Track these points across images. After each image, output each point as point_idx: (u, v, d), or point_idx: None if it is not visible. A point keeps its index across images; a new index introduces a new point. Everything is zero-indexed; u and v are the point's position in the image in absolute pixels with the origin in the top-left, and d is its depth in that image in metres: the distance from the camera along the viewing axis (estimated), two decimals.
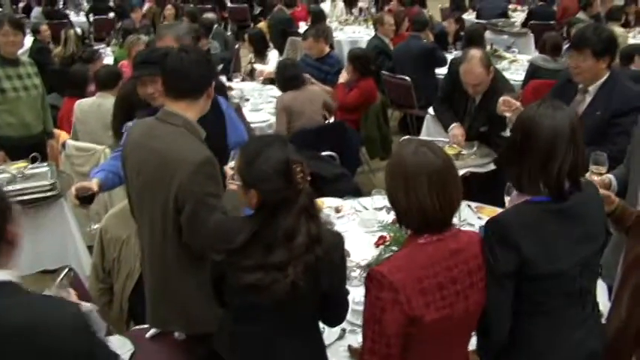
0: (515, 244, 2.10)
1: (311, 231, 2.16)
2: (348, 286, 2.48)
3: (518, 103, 3.81)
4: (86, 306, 3.10)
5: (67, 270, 2.58)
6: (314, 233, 2.17)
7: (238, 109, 5.22)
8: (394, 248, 3.14)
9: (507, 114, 3.82)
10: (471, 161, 4.28)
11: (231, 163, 2.87)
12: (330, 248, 2.22)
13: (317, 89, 6.03)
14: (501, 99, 3.87)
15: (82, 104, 5.42)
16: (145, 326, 3.20)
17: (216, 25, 9.19)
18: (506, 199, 2.80)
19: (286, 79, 5.68)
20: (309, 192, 2.22)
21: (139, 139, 2.77)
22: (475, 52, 4.33)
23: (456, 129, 4.30)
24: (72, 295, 2.32)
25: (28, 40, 10.09)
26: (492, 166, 4.26)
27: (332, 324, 2.47)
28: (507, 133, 4.31)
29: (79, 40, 9.36)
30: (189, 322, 2.87)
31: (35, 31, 9.31)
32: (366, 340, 2.06)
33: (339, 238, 2.29)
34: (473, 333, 2.27)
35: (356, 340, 2.68)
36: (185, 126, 2.67)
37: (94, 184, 3.28)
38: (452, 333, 2.13)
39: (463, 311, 2.08)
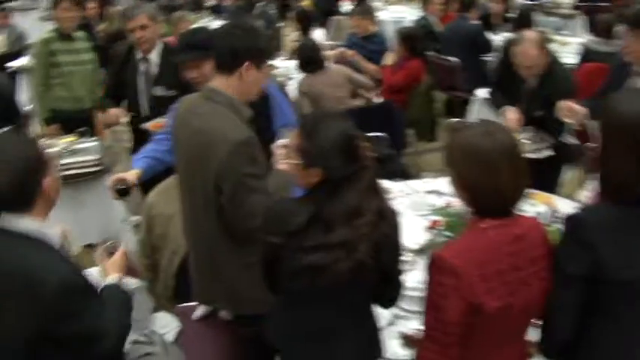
0: (591, 244, 1.97)
1: (377, 207, 2.09)
2: None
3: (582, 110, 3.68)
4: (133, 282, 3.12)
5: (111, 242, 2.60)
6: (380, 209, 2.10)
7: (282, 88, 5.17)
8: (448, 233, 3.07)
9: (569, 120, 3.70)
10: (527, 147, 4.15)
11: (280, 142, 2.82)
12: (393, 224, 2.16)
13: (340, 70, 5.85)
14: (562, 104, 3.75)
15: None
16: (191, 304, 3.18)
17: (260, 4, 9.12)
18: (585, 193, 2.68)
19: (302, 61, 5.60)
20: (374, 167, 2.15)
21: (183, 116, 2.73)
22: (530, 34, 4.20)
23: (512, 112, 4.17)
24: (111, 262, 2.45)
25: None
26: (547, 153, 4.12)
27: (386, 305, 2.40)
28: (567, 139, 4.20)
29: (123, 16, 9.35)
30: (234, 302, 2.83)
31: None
32: (427, 327, 2.00)
33: (396, 214, 2.23)
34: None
35: (407, 326, 2.61)
36: (227, 104, 2.60)
37: (132, 175, 3.26)
38: (512, 322, 2.05)
39: (524, 300, 2.00)
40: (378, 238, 2.09)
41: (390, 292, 2.33)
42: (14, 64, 7.68)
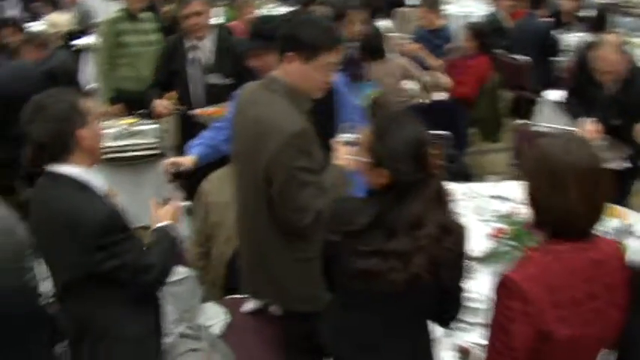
0: None
1: (441, 220, 1.98)
2: None
3: None
4: (183, 271, 3.08)
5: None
6: (444, 223, 1.98)
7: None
8: (512, 243, 2.93)
9: None
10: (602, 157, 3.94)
11: (341, 137, 2.72)
12: (457, 240, 2.04)
13: (399, 61, 5.69)
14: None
15: None
16: (241, 296, 3.12)
17: None
18: None
19: (364, 49, 5.44)
20: (441, 177, 2.03)
21: (242, 104, 2.68)
22: (610, 37, 4.02)
23: (591, 124, 3.95)
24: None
25: None
26: (623, 164, 3.91)
27: (443, 322, 2.28)
28: None
29: None
30: (283, 298, 2.78)
31: None
32: (491, 350, 1.88)
33: (464, 230, 2.09)
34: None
35: (464, 339, 2.50)
36: (287, 95, 2.52)
37: (188, 160, 3.22)
38: (582, 352, 1.90)
39: (598, 330, 1.86)
40: (439, 253, 1.98)
41: (447, 311, 2.22)
42: (80, 42, 7.75)
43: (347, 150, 2.64)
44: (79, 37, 7.88)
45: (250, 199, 2.64)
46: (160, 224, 2.55)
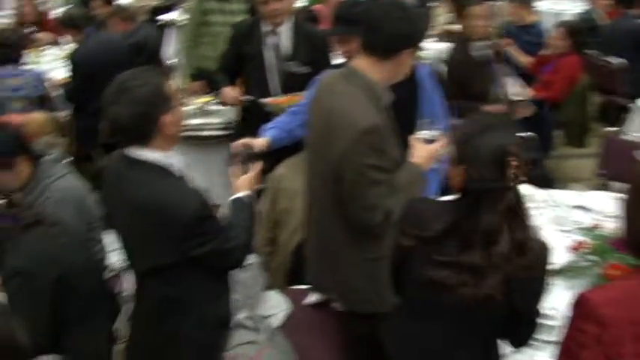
0: None
1: (516, 237, 1.86)
2: None
3: None
4: (249, 256, 3.04)
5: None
6: (519, 240, 1.86)
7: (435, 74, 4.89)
8: (593, 258, 2.76)
9: None
10: None
11: (420, 134, 2.61)
12: (535, 261, 1.90)
13: None
14: None
15: None
16: (304, 287, 3.06)
17: None
18: None
19: None
20: (518, 192, 1.91)
21: (320, 92, 2.59)
22: None
23: None
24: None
25: None
26: None
27: (515, 343, 2.16)
28: None
29: None
30: (348, 297, 2.69)
31: None
32: None
33: (545, 250, 1.95)
34: None
35: (534, 357, 2.35)
36: (365, 88, 2.41)
37: (260, 142, 3.15)
38: None
39: None
40: (514, 272, 1.86)
41: (519, 332, 2.10)
42: (165, 17, 7.84)
43: (425, 148, 2.53)
44: (164, 13, 7.97)
45: (320, 193, 2.57)
46: (238, 195, 2.58)
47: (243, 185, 2.61)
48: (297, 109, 3.30)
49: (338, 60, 3.61)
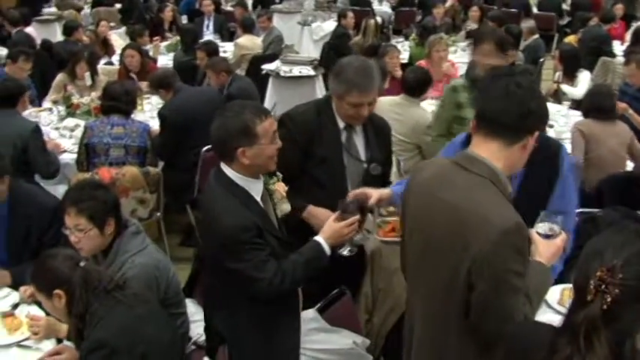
0: None
1: None
2: None
3: None
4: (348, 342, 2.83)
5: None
6: None
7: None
8: None
9: None
10: None
11: (539, 227, 2.24)
12: None
13: (626, 129, 5.02)
14: None
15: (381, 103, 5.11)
16: None
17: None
18: None
19: (593, 108, 4.90)
20: None
21: (426, 184, 2.22)
22: None
23: None
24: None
25: (331, 24, 10.34)
26: None
27: None
28: None
29: (378, 31, 9.25)
30: None
31: (341, 16, 9.39)
32: None
33: None
34: None
35: None
36: (491, 177, 2.07)
37: (380, 194, 2.85)
38: None
39: None
40: None
41: None
42: (268, 66, 7.82)
43: (549, 245, 2.20)
44: (267, 62, 7.97)
45: (436, 302, 2.19)
46: (318, 238, 2.61)
47: (328, 232, 2.61)
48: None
49: None
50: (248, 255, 2.47)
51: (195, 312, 3.15)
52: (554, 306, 2.81)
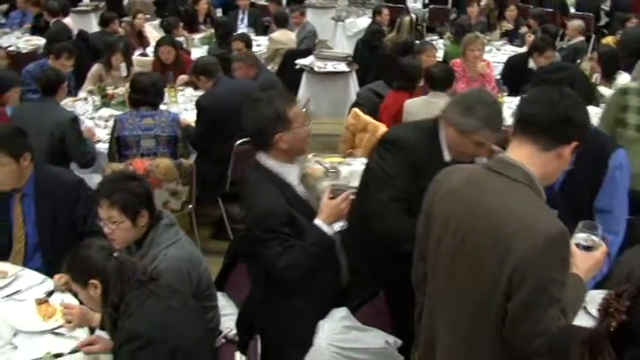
0: None
1: None
2: None
3: None
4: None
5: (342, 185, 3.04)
6: None
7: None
8: None
9: None
10: None
11: (578, 238, 2.17)
12: None
13: None
14: None
15: (411, 105, 5.05)
16: None
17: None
18: None
19: None
20: None
21: (459, 189, 2.13)
22: None
23: None
24: None
25: (365, 21, 10.29)
26: None
27: None
28: None
29: (412, 28, 9.18)
30: None
31: (376, 12, 9.34)
32: None
33: None
34: None
35: None
36: (527, 182, 2.00)
37: None
38: None
39: None
40: None
41: None
42: (302, 61, 7.80)
43: (588, 258, 2.13)
44: (300, 57, 7.95)
45: (468, 310, 2.08)
46: (317, 221, 2.67)
47: (325, 211, 2.69)
48: None
49: None
50: (273, 242, 2.59)
51: (226, 305, 3.15)
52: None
